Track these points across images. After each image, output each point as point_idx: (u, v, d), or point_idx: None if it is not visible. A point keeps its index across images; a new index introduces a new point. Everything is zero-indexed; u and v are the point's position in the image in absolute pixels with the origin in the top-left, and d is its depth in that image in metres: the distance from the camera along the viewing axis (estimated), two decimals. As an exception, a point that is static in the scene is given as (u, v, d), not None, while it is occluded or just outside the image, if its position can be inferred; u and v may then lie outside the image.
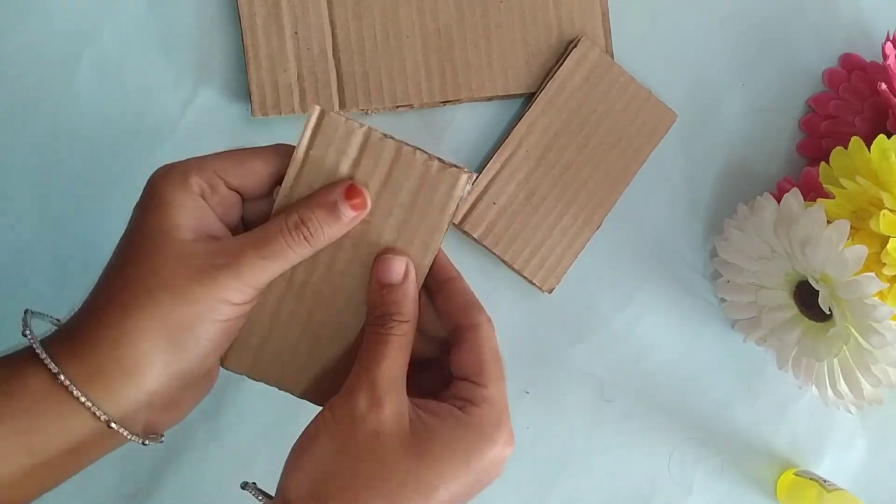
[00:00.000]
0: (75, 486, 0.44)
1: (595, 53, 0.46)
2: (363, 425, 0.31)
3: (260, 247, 0.32)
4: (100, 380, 0.30)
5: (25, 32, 0.44)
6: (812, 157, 0.49)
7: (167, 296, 0.31)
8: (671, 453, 0.48)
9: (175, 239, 0.32)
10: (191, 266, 0.31)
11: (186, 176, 0.32)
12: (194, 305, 0.31)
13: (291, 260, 0.33)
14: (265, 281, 0.33)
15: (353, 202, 0.33)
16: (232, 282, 0.31)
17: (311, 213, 0.33)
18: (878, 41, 0.46)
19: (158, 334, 0.31)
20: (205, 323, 0.31)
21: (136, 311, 0.31)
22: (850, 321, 0.40)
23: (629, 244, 0.49)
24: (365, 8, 0.45)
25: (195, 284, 0.31)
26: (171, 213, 0.32)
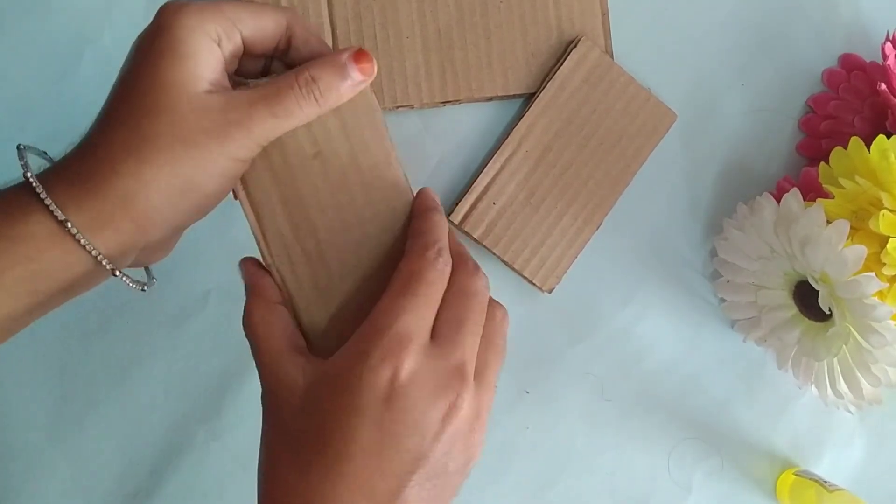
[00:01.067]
0: (75, 486, 0.44)
1: (595, 54, 0.46)
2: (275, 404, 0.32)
3: (271, 103, 0.32)
4: (108, 229, 0.30)
5: (25, 32, 0.44)
6: (812, 157, 0.49)
7: (184, 151, 0.30)
8: (671, 453, 0.49)
9: (193, 92, 0.31)
10: (207, 121, 0.31)
11: (204, 20, 0.31)
12: (208, 161, 0.31)
13: (299, 119, 0.32)
14: (271, 138, 0.32)
15: (361, 66, 0.33)
16: (243, 138, 0.31)
17: (321, 72, 0.32)
18: (877, 41, 0.46)
19: (172, 189, 0.31)
20: (212, 178, 0.31)
21: (155, 164, 0.30)
22: (850, 321, 0.40)
23: (629, 244, 0.49)
24: (365, 8, 0.45)
25: (210, 140, 0.31)
26: (191, 64, 0.31)
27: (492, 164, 0.46)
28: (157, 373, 0.45)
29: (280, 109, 0.32)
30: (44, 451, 0.44)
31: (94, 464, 0.44)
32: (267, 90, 0.32)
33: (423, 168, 0.47)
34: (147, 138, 0.30)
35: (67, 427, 0.44)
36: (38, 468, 0.44)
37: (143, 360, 0.45)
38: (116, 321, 0.45)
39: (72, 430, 0.44)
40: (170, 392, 0.45)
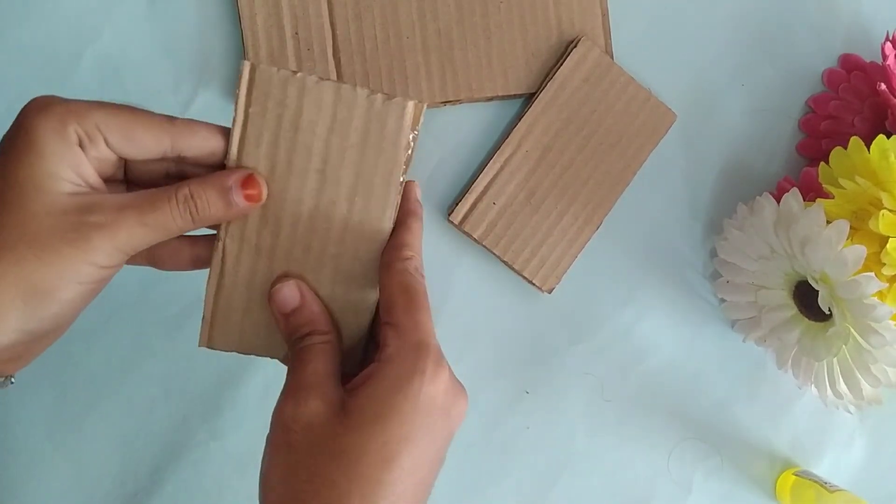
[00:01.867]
0: (75, 486, 0.44)
1: (595, 53, 0.46)
2: (295, 428, 0.30)
3: (144, 212, 0.30)
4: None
5: (25, 32, 0.44)
6: (812, 157, 0.49)
7: (31, 253, 0.29)
8: (671, 453, 0.49)
9: (47, 190, 0.29)
10: (62, 222, 0.29)
11: (65, 122, 0.30)
12: (59, 266, 0.29)
13: (171, 232, 0.31)
14: (138, 248, 0.31)
15: (248, 192, 0.32)
16: (105, 244, 0.30)
17: (202, 191, 0.31)
18: (877, 41, 0.46)
19: (17, 293, 0.29)
20: (68, 284, 0.30)
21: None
22: (850, 321, 0.40)
23: (629, 244, 0.49)
24: (365, 8, 0.45)
25: (63, 244, 0.29)
26: (45, 162, 0.30)
27: (492, 164, 0.46)
28: (157, 373, 0.45)
29: (151, 220, 0.31)
30: (44, 451, 0.44)
31: (93, 464, 0.44)
32: (141, 198, 0.31)
33: (423, 168, 0.47)
34: None
35: (67, 427, 0.44)
36: (38, 468, 0.44)
37: (142, 361, 0.45)
38: (116, 321, 0.45)
39: (72, 430, 0.44)
40: (170, 392, 0.45)
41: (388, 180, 0.34)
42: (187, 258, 0.35)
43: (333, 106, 0.33)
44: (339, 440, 0.30)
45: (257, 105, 0.33)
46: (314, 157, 0.34)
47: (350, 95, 0.33)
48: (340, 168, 0.34)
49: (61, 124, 0.30)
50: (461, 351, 0.47)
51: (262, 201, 0.33)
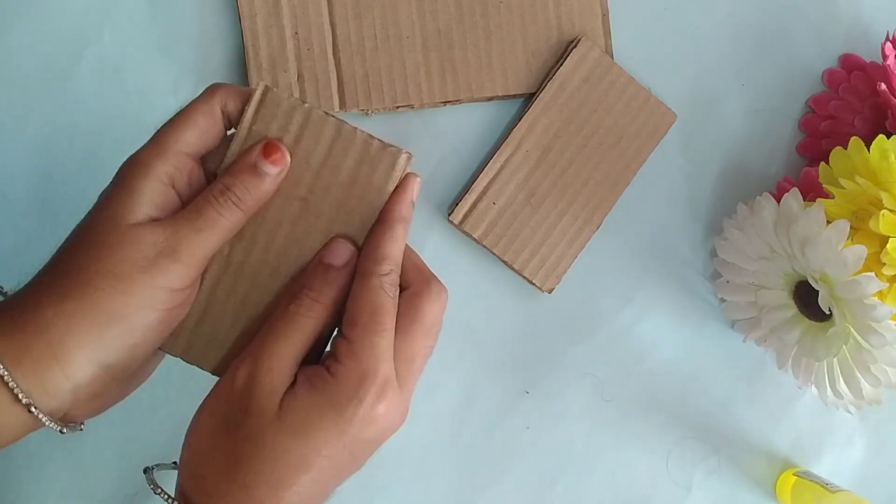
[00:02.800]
0: (75, 487, 0.44)
1: (595, 53, 0.46)
2: (237, 403, 0.31)
3: (193, 220, 0.32)
4: (27, 360, 0.30)
5: (25, 33, 0.44)
6: (812, 157, 0.49)
7: (107, 283, 0.30)
8: (670, 453, 0.48)
9: (124, 225, 0.31)
10: (135, 253, 0.31)
11: (155, 165, 0.32)
12: (133, 294, 0.31)
13: (225, 228, 0.33)
14: (203, 257, 0.32)
15: (272, 158, 0.33)
16: (170, 264, 0.31)
17: (233, 179, 0.33)
18: (877, 41, 0.46)
19: (93, 322, 0.30)
20: (142, 311, 0.31)
21: (75, 295, 0.30)
22: (850, 321, 0.40)
23: (629, 244, 0.49)
24: (365, 8, 0.45)
25: (136, 272, 0.31)
26: (132, 200, 0.32)
27: (492, 164, 0.46)
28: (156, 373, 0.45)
29: (202, 223, 0.32)
30: (43, 452, 0.44)
31: (93, 465, 0.44)
32: (189, 210, 0.32)
33: (424, 168, 0.47)
34: (70, 271, 0.31)
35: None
36: (37, 469, 0.44)
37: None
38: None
39: (72, 430, 0.44)
40: (169, 392, 0.45)
41: (366, 225, 0.35)
42: None
43: (331, 142, 0.34)
44: (267, 435, 0.30)
45: (261, 124, 0.34)
46: (302, 185, 0.34)
47: (349, 135, 0.34)
48: (324, 202, 0.34)
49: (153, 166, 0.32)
50: (461, 351, 0.47)
51: (287, 161, 0.34)
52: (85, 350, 0.30)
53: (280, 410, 0.31)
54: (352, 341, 0.32)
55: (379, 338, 0.32)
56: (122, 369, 0.32)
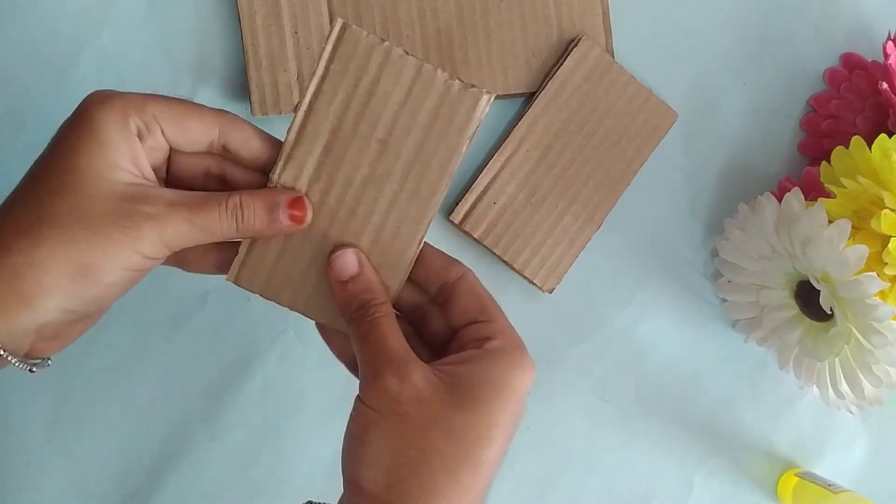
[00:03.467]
0: (74, 487, 0.44)
1: (596, 52, 0.46)
2: (404, 401, 0.31)
3: (194, 211, 0.32)
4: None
5: (25, 32, 0.44)
6: (813, 156, 0.49)
7: (84, 235, 0.30)
8: (671, 453, 0.48)
9: (106, 178, 0.31)
10: (116, 208, 0.31)
11: (126, 114, 0.32)
12: (108, 249, 0.31)
13: (213, 235, 0.33)
14: (181, 245, 0.32)
15: (293, 213, 0.34)
16: (153, 235, 0.31)
17: (251, 202, 0.33)
18: (879, 40, 0.46)
19: (65, 271, 0.30)
20: (113, 269, 0.31)
21: (49, 244, 0.30)
22: (852, 321, 0.40)
23: (629, 244, 0.49)
24: (365, 8, 0.45)
25: (115, 229, 0.31)
26: (107, 151, 0.31)
27: (492, 164, 0.46)
28: (156, 373, 0.45)
29: (200, 220, 0.32)
30: (43, 451, 0.44)
31: (93, 464, 0.44)
32: (193, 198, 0.32)
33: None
34: (44, 217, 0.30)
35: (66, 427, 0.44)
36: (37, 468, 0.44)
37: (142, 361, 0.45)
38: (115, 321, 0.45)
39: (71, 430, 0.44)
40: (169, 392, 0.45)
41: (445, 167, 0.35)
42: (213, 262, 0.36)
43: (411, 82, 0.34)
44: (450, 417, 0.31)
45: (339, 63, 0.34)
46: (380, 126, 0.35)
47: (430, 76, 0.34)
48: (403, 143, 0.35)
49: (123, 115, 0.32)
50: (461, 351, 0.47)
51: (305, 224, 0.34)
52: (53, 298, 0.31)
53: (449, 393, 0.31)
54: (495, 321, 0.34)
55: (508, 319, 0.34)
56: (86, 315, 0.33)
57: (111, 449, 0.44)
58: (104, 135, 0.31)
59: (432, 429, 0.31)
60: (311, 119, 0.35)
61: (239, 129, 0.34)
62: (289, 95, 0.45)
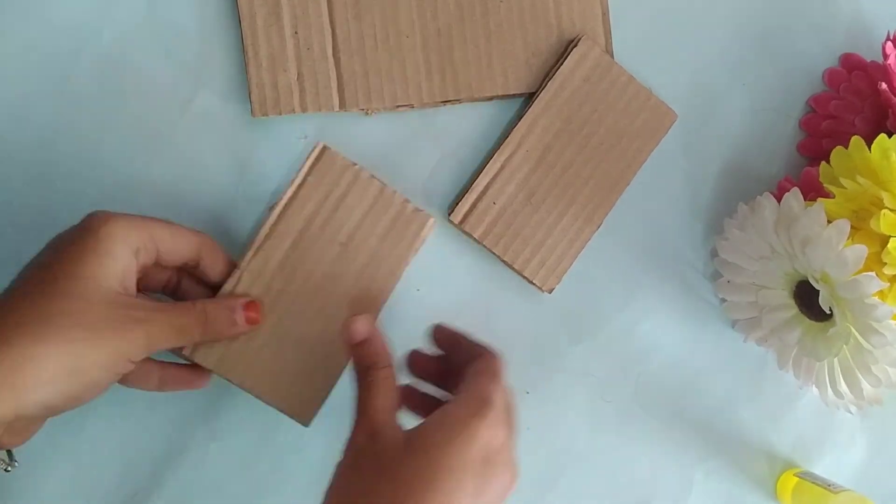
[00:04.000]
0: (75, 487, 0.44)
1: (595, 53, 0.46)
2: (365, 454, 0.34)
3: (171, 316, 0.36)
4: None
5: (25, 32, 0.44)
6: (812, 156, 0.49)
7: (82, 336, 0.33)
8: (670, 453, 0.48)
9: (105, 287, 0.34)
10: (113, 312, 0.34)
11: (129, 233, 0.35)
12: (100, 351, 0.33)
13: (187, 339, 0.38)
14: (160, 347, 0.36)
15: (249, 314, 0.40)
16: (141, 337, 0.35)
17: (214, 308, 0.39)
18: (878, 41, 0.46)
19: (59, 366, 0.32)
20: (100, 370, 0.34)
21: (50, 343, 0.32)
22: (851, 321, 0.40)
23: (629, 244, 0.49)
24: (365, 8, 0.45)
25: (110, 330, 0.34)
26: (109, 264, 0.34)
27: (492, 164, 0.46)
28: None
29: (177, 323, 0.37)
30: (44, 451, 0.44)
31: (93, 464, 0.44)
32: (168, 306, 0.37)
33: (424, 168, 0.47)
34: (50, 317, 0.33)
35: (67, 427, 0.44)
36: (37, 468, 0.44)
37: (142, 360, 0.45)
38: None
39: (71, 430, 0.44)
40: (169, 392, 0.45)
41: (394, 271, 0.42)
42: (155, 380, 0.40)
43: (374, 199, 0.42)
44: (400, 462, 0.33)
45: (315, 177, 0.41)
46: (343, 232, 0.42)
47: (389, 196, 0.42)
48: (361, 248, 0.42)
49: (125, 233, 0.35)
50: (461, 351, 0.47)
51: (259, 323, 0.40)
52: (43, 393, 0.32)
53: (407, 441, 0.34)
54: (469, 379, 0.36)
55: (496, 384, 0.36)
56: (58, 412, 0.34)
57: (112, 449, 0.44)
58: (108, 249, 0.35)
59: (383, 476, 0.33)
60: (284, 219, 0.41)
61: (212, 248, 0.40)
62: (289, 96, 0.45)
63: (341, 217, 0.41)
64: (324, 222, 0.41)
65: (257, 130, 0.45)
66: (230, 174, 0.45)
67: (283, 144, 0.46)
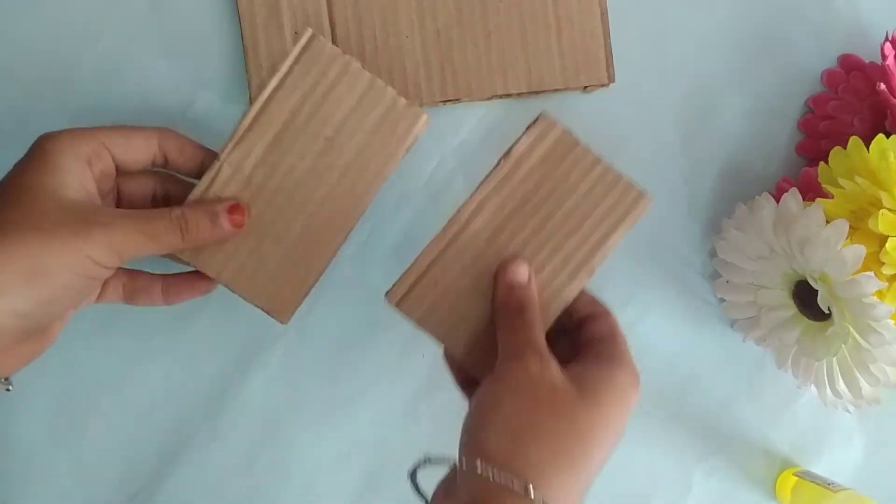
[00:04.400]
0: (76, 487, 0.44)
1: (556, 132, 0.41)
2: (541, 384, 0.35)
3: (140, 222, 0.35)
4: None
5: (26, 34, 0.44)
6: (811, 157, 0.49)
7: (37, 238, 0.32)
8: (670, 452, 0.49)
9: (57, 193, 0.34)
10: (68, 216, 0.33)
11: (76, 142, 0.35)
12: (59, 251, 0.33)
13: (162, 245, 0.36)
14: (131, 255, 0.35)
15: (233, 217, 0.38)
16: (103, 239, 0.34)
17: (193, 214, 0.37)
18: (876, 41, 0.46)
19: (18, 271, 0.32)
20: (64, 271, 0.33)
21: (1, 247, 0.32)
22: (849, 320, 0.40)
23: (628, 244, 0.48)
24: (365, 8, 0.45)
25: (66, 233, 0.33)
26: (58, 175, 0.34)
27: (434, 243, 0.41)
28: (157, 373, 0.45)
29: (148, 229, 0.35)
30: (44, 451, 0.44)
31: (94, 464, 0.44)
32: (140, 212, 0.36)
33: (423, 168, 0.47)
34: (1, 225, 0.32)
35: (68, 427, 0.44)
36: (38, 468, 0.44)
37: (143, 361, 0.45)
38: (117, 321, 0.45)
39: (72, 430, 0.44)
40: (170, 392, 0.45)
41: (381, 170, 0.39)
42: (159, 292, 0.40)
43: (363, 92, 0.39)
44: (576, 409, 0.34)
45: (303, 66, 0.39)
46: (329, 125, 0.39)
47: (380, 89, 0.39)
48: (348, 143, 0.39)
49: (72, 144, 0.35)
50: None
51: (244, 226, 0.38)
52: (6, 297, 0.32)
53: (579, 388, 0.35)
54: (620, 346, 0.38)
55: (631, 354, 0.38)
56: (36, 321, 0.34)
57: (113, 449, 0.44)
58: (55, 159, 0.34)
59: (560, 414, 0.34)
60: (268, 109, 0.39)
61: (173, 138, 0.38)
62: (289, 96, 0.45)
63: (328, 110, 0.39)
64: (309, 115, 0.39)
65: (257, 130, 0.46)
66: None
67: (283, 144, 0.46)
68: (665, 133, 0.49)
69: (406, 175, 0.47)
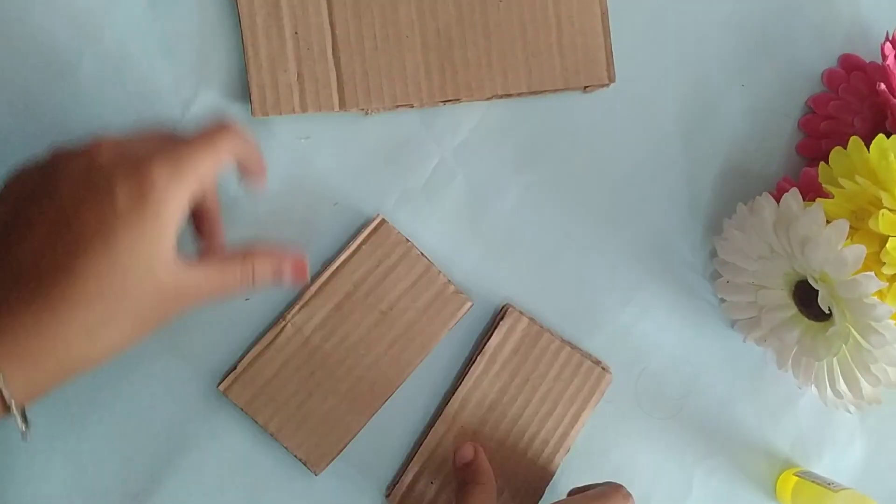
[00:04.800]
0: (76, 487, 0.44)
1: (523, 324, 0.46)
2: None
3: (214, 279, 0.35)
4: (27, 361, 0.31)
5: (27, 33, 0.44)
6: (811, 157, 0.49)
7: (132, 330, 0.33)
8: (670, 452, 0.48)
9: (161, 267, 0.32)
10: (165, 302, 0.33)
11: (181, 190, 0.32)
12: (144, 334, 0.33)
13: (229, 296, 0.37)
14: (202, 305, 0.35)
15: (296, 275, 0.38)
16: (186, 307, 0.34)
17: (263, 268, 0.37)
18: (877, 41, 0.46)
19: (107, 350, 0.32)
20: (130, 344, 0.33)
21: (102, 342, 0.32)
22: (850, 320, 0.40)
23: (629, 244, 0.49)
24: (365, 8, 0.45)
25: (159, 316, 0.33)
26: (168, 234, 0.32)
27: (427, 443, 0.45)
28: (157, 372, 0.45)
29: (221, 290, 0.35)
30: (44, 451, 0.44)
31: (94, 464, 0.44)
32: (214, 271, 0.35)
33: (423, 168, 0.47)
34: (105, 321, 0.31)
35: (68, 427, 0.44)
36: (38, 469, 0.44)
37: (143, 360, 0.45)
38: (116, 321, 0.45)
39: (72, 430, 0.44)
40: (170, 392, 0.45)
41: (426, 345, 0.45)
42: None
43: (419, 276, 0.45)
44: None
45: (371, 246, 0.44)
46: (385, 301, 0.44)
47: (434, 275, 0.45)
48: (399, 318, 0.44)
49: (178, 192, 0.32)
50: (461, 351, 0.47)
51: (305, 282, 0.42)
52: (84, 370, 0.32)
53: None
54: None
55: None
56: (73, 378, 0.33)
57: (112, 449, 0.44)
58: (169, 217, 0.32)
59: None
60: (334, 280, 0.44)
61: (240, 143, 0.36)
62: (289, 96, 0.45)
63: (386, 287, 0.44)
64: (369, 289, 0.44)
65: (257, 130, 0.46)
66: (231, 173, 0.45)
67: (283, 144, 0.46)
68: (665, 133, 0.49)
69: (406, 175, 0.47)
